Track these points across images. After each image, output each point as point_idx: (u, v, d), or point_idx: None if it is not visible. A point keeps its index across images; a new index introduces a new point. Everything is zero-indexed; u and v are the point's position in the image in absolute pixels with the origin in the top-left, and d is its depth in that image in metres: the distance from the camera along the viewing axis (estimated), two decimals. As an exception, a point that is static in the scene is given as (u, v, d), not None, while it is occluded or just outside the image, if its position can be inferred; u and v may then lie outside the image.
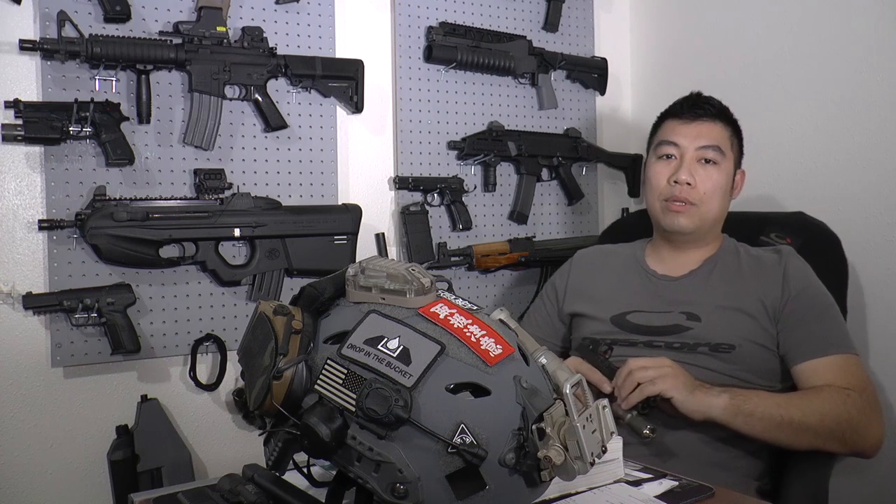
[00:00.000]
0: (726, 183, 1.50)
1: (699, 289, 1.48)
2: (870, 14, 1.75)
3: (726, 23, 2.10)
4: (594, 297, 1.57)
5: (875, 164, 1.73)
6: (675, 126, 1.52)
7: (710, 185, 1.47)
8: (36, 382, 1.57)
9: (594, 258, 1.66)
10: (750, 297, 1.42)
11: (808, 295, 1.41)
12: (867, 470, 1.54)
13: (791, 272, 1.43)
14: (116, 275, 1.61)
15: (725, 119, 1.52)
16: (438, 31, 1.97)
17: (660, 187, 1.50)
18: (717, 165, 1.48)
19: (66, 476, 1.60)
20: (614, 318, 1.51)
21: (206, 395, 1.74)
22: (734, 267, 1.49)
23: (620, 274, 1.59)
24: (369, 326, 0.81)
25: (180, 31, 1.64)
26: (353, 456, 0.79)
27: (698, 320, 1.43)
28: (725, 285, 1.46)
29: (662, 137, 1.53)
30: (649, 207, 1.55)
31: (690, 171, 1.47)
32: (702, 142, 1.48)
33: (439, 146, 2.02)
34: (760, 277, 1.45)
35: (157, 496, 1.04)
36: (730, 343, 1.40)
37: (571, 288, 1.63)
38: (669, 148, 1.51)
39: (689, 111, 1.51)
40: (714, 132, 1.49)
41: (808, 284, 1.43)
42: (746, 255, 1.51)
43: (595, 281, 1.60)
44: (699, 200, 1.47)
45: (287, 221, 1.74)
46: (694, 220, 1.47)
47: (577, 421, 0.78)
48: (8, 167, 1.54)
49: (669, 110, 1.56)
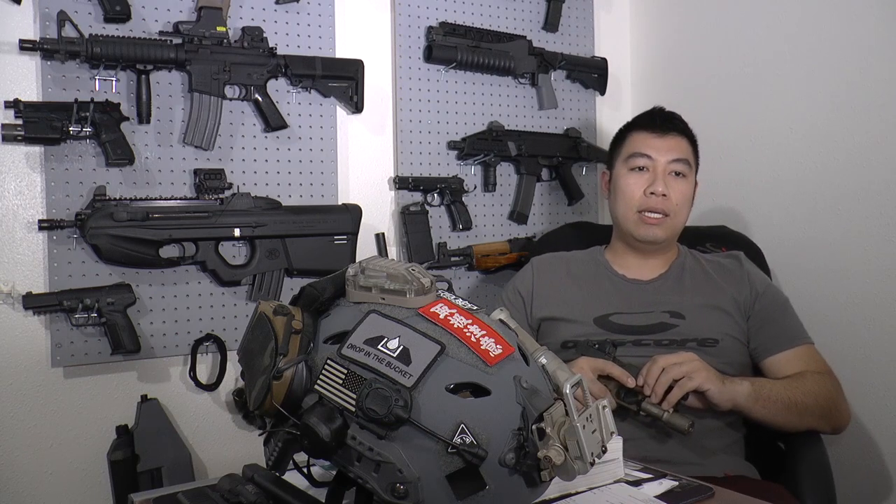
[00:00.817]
0: (692, 193, 1.60)
1: (674, 290, 1.56)
2: (869, 14, 1.75)
3: (726, 23, 2.10)
4: (567, 301, 1.58)
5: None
6: (647, 139, 1.58)
7: (682, 197, 1.56)
8: (36, 382, 1.57)
9: (556, 264, 1.67)
10: (724, 296, 1.53)
11: (771, 293, 1.55)
12: (832, 446, 1.63)
13: (753, 274, 1.57)
14: (116, 275, 1.61)
15: (689, 135, 1.61)
16: (438, 31, 1.98)
17: (635, 198, 1.56)
18: (685, 178, 1.57)
19: (66, 476, 1.60)
20: (597, 319, 1.53)
21: (206, 395, 1.74)
22: (700, 270, 1.59)
23: (588, 279, 1.61)
24: (369, 326, 0.81)
25: (180, 31, 1.64)
26: (353, 456, 0.79)
27: (682, 318, 1.50)
28: (699, 286, 1.56)
29: (634, 150, 1.58)
30: (620, 218, 1.60)
31: (665, 183, 1.54)
32: (673, 154, 1.56)
33: (439, 146, 2.02)
34: (728, 278, 1.56)
35: (157, 496, 1.04)
36: (713, 338, 1.48)
37: (538, 293, 1.62)
38: (642, 160, 1.57)
39: (662, 125, 1.58)
40: (682, 146, 1.58)
41: (768, 284, 1.58)
42: (706, 261, 1.62)
43: (563, 286, 1.61)
44: (672, 211, 1.55)
45: (287, 221, 1.74)
46: (667, 230, 1.56)
47: (577, 421, 0.78)
48: (8, 167, 1.54)
49: (637, 123, 1.63)
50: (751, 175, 2.00)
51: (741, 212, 2.01)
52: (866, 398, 1.72)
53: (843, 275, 1.78)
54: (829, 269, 1.81)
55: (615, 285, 1.59)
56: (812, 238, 1.85)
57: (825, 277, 1.81)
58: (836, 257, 1.80)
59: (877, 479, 1.73)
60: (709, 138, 2.02)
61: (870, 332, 1.73)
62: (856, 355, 1.73)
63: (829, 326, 1.74)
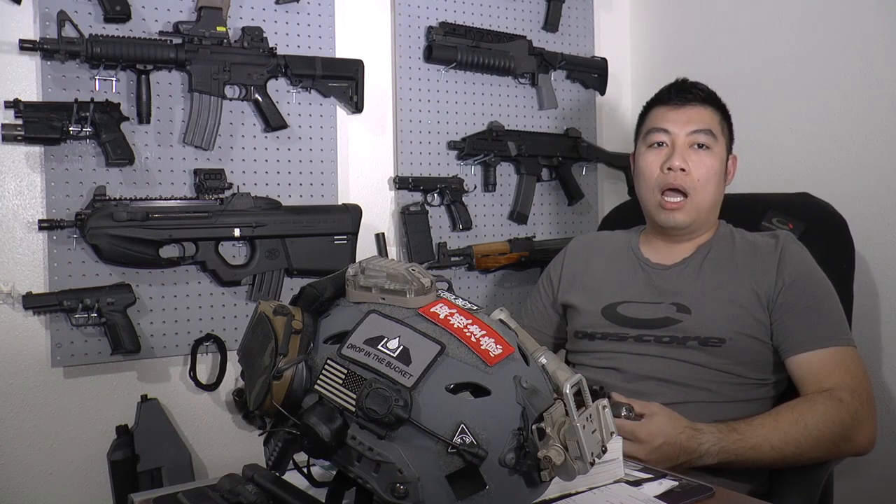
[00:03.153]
0: (720, 168, 1.47)
1: (691, 278, 1.45)
2: (871, 14, 1.75)
3: (726, 23, 2.10)
4: (586, 286, 1.56)
5: (884, 150, 1.72)
6: (665, 112, 1.49)
7: (704, 171, 1.44)
8: (36, 382, 1.57)
9: (589, 244, 1.65)
10: (742, 287, 1.39)
11: (804, 283, 1.37)
12: (866, 468, 1.56)
13: (787, 258, 1.39)
14: (116, 275, 1.61)
15: (714, 103, 1.50)
16: (438, 31, 1.98)
17: (653, 176, 1.47)
18: (710, 150, 1.45)
19: (66, 476, 1.60)
20: (605, 309, 1.49)
21: (206, 395, 1.74)
22: (727, 254, 1.46)
23: (613, 261, 1.57)
24: (369, 326, 0.81)
25: (180, 31, 1.64)
26: (353, 456, 0.79)
27: (688, 312, 1.41)
28: (717, 274, 1.43)
29: (652, 125, 1.50)
30: (643, 201, 1.52)
31: (684, 157, 1.44)
32: (693, 126, 1.45)
33: (439, 146, 2.02)
34: (754, 265, 1.41)
35: (157, 496, 1.04)
36: (720, 336, 1.37)
37: (566, 276, 1.61)
38: (660, 135, 1.48)
39: (678, 96, 1.49)
40: (704, 116, 1.47)
41: (804, 272, 1.39)
42: (742, 241, 1.47)
43: (588, 268, 1.59)
44: (693, 188, 1.44)
45: (287, 221, 1.74)
46: (690, 213, 1.45)
47: (577, 421, 0.78)
48: (8, 167, 1.54)
49: (656, 97, 1.54)
50: (754, 175, 1.99)
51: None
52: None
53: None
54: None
55: (635, 270, 1.52)
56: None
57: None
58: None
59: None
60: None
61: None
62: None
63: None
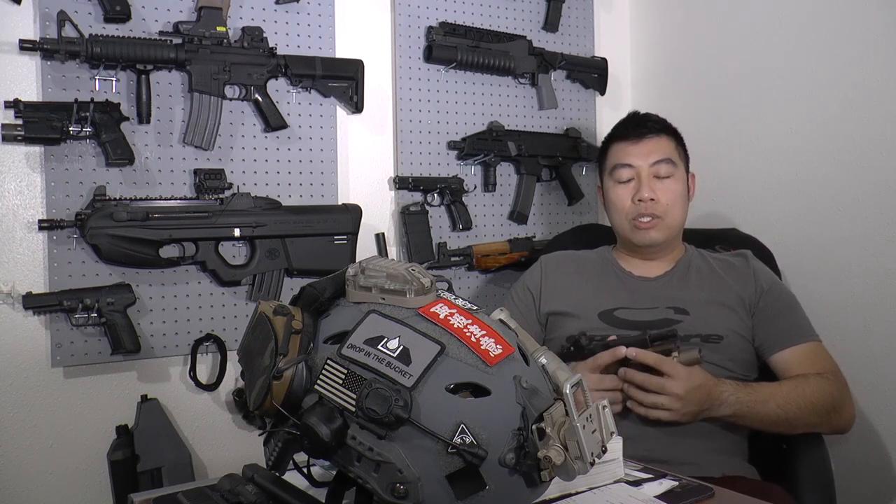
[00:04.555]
0: (683, 190, 1.61)
1: (680, 286, 1.57)
2: (872, 14, 1.75)
3: (726, 23, 2.10)
4: (574, 296, 1.60)
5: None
6: (625, 148, 1.61)
7: (671, 197, 1.57)
8: (36, 382, 1.57)
9: (564, 261, 1.70)
10: (729, 293, 1.53)
11: (776, 290, 1.56)
12: (837, 445, 1.65)
13: (759, 270, 1.57)
14: (116, 275, 1.61)
15: (668, 131, 1.63)
16: (438, 31, 1.98)
17: (625, 208, 1.59)
18: (673, 177, 1.58)
19: (66, 476, 1.60)
20: (602, 314, 1.55)
21: (206, 395, 1.74)
22: (706, 267, 1.60)
23: (596, 276, 1.64)
24: (369, 326, 0.81)
25: (180, 31, 1.64)
26: (353, 456, 0.79)
27: (687, 314, 1.51)
28: (704, 283, 1.57)
29: (616, 161, 1.61)
30: (617, 226, 1.64)
31: (651, 187, 1.56)
32: (653, 157, 1.58)
33: (439, 146, 2.02)
34: (734, 275, 1.57)
35: (157, 496, 1.04)
36: (718, 334, 1.48)
37: (547, 288, 1.65)
38: (625, 171, 1.59)
39: (634, 131, 1.61)
40: (662, 146, 1.59)
41: (774, 281, 1.58)
42: (713, 258, 1.63)
43: (571, 282, 1.64)
44: (664, 212, 1.56)
45: (287, 221, 1.74)
46: (663, 231, 1.57)
47: (577, 421, 0.78)
48: (8, 167, 1.54)
49: (613, 133, 1.67)
50: (755, 175, 1.99)
51: (750, 214, 2.00)
52: (873, 398, 1.72)
53: (850, 274, 1.78)
54: (838, 268, 1.80)
55: (622, 281, 1.61)
56: (820, 238, 1.84)
57: (833, 277, 1.80)
58: (843, 257, 1.79)
59: (880, 479, 1.72)
60: (709, 138, 2.03)
61: (879, 332, 1.73)
62: (863, 354, 1.73)
63: (838, 326, 1.74)
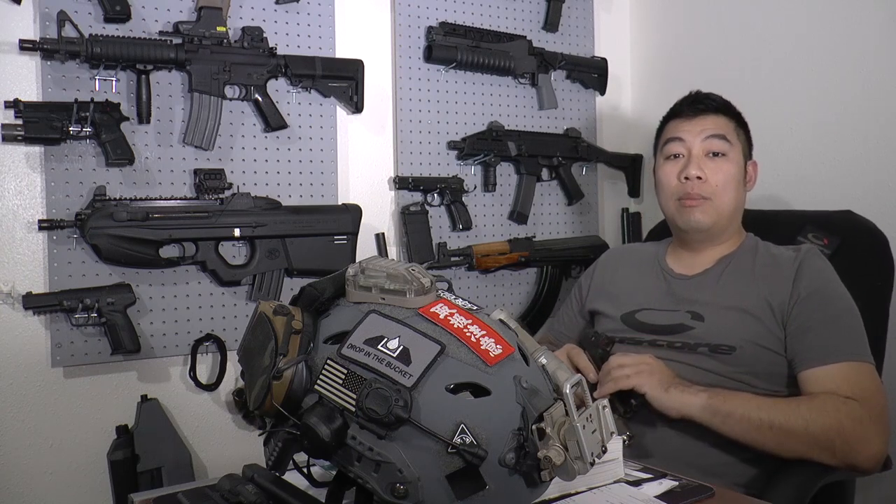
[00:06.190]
0: (738, 173, 1.48)
1: (708, 288, 1.47)
2: (873, 13, 1.75)
3: (726, 22, 2.10)
4: (612, 294, 1.61)
5: None
6: (679, 124, 1.53)
7: (722, 177, 1.46)
8: (36, 382, 1.57)
9: (619, 256, 1.71)
10: (756, 298, 1.39)
11: (819, 297, 1.35)
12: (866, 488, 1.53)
13: (805, 272, 1.38)
14: (116, 275, 1.61)
15: (728, 111, 1.53)
16: (438, 31, 1.97)
17: (671, 186, 1.50)
18: (726, 157, 1.47)
19: (66, 476, 1.60)
20: (624, 316, 1.54)
21: (206, 395, 1.74)
22: (748, 266, 1.46)
23: (639, 272, 1.61)
24: (369, 326, 0.81)
25: (180, 31, 1.64)
26: (353, 456, 0.79)
27: (702, 320, 1.43)
28: (734, 285, 1.44)
29: (667, 136, 1.54)
30: (664, 209, 1.55)
31: (699, 166, 1.46)
32: (706, 133, 1.48)
33: (439, 146, 2.02)
34: (771, 276, 1.41)
35: (157, 496, 1.04)
36: (730, 344, 1.37)
37: (595, 285, 1.67)
38: (675, 145, 1.51)
39: (690, 108, 1.53)
40: (717, 123, 1.49)
41: (821, 286, 1.36)
42: (765, 254, 1.47)
43: (615, 278, 1.64)
44: (712, 194, 1.45)
45: (287, 221, 1.74)
46: (710, 214, 1.46)
47: (577, 421, 0.78)
48: (8, 167, 1.54)
49: (671, 111, 1.58)
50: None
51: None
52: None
53: None
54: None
55: (658, 280, 1.55)
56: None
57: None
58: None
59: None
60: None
61: None
62: None
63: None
